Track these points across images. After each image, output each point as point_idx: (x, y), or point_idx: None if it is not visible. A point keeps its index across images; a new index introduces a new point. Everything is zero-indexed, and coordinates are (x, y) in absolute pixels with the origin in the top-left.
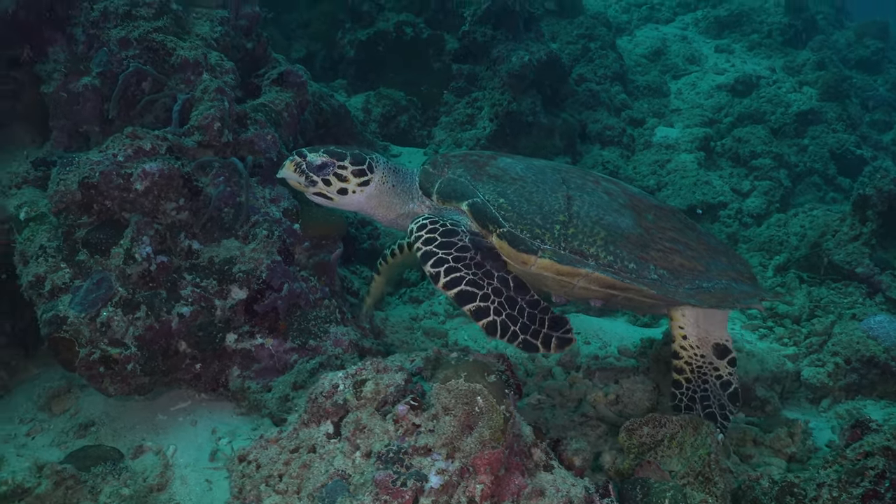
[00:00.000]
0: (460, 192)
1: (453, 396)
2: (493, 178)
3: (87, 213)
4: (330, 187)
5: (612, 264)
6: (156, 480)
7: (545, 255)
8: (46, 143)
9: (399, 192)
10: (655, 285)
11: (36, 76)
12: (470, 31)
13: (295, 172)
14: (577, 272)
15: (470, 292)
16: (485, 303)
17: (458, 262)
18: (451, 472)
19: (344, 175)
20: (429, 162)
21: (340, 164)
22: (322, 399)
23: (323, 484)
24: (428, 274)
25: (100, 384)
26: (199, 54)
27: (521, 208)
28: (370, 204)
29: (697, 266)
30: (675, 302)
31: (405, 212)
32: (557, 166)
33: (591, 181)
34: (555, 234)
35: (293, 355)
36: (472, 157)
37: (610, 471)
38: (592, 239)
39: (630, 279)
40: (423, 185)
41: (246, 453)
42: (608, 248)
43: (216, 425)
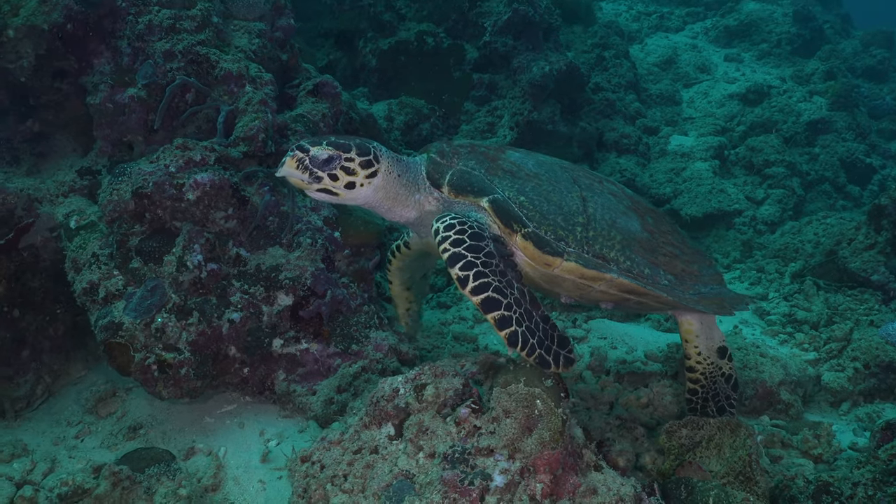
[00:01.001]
0: (478, 187)
1: (514, 400)
2: (508, 173)
3: (139, 222)
4: (337, 182)
5: (631, 269)
6: (210, 481)
7: (571, 259)
8: (90, 152)
9: (405, 182)
10: (669, 291)
11: (81, 87)
12: (491, 42)
13: (297, 169)
14: (602, 277)
15: (496, 300)
16: (508, 312)
17: (486, 266)
18: (514, 471)
19: (352, 168)
20: (435, 151)
21: (347, 157)
22: (383, 402)
23: (388, 483)
24: (455, 277)
25: (153, 388)
26: (241, 66)
27: (542, 208)
28: (377, 196)
29: (694, 270)
30: (684, 308)
31: (411, 203)
32: (564, 164)
33: (597, 181)
34: (577, 237)
35: (336, 360)
36: (480, 149)
37: (652, 471)
38: (611, 243)
39: (651, 286)
40: (432, 175)
41: (309, 454)
42: (625, 252)
43: (263, 427)
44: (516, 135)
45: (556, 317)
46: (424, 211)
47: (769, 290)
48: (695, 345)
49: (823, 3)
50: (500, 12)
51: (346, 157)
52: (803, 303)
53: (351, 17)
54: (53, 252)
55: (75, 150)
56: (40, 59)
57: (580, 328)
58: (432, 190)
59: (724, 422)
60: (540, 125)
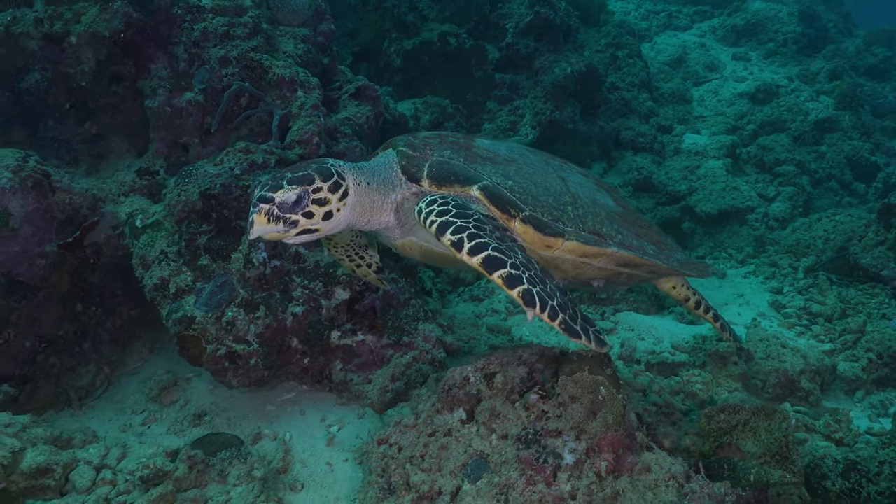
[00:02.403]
0: (462, 176)
1: (579, 386)
2: (487, 160)
3: (206, 222)
4: (314, 218)
5: (624, 242)
6: (279, 464)
7: (571, 238)
8: (144, 153)
9: (376, 187)
10: (661, 259)
11: (136, 91)
12: (513, 43)
13: (270, 223)
14: (603, 252)
15: (498, 258)
16: (516, 271)
17: (479, 229)
18: (581, 451)
19: (323, 197)
20: (404, 144)
21: (315, 187)
22: (455, 389)
23: (464, 463)
24: (449, 243)
25: (224, 377)
26: (293, 72)
27: (531, 190)
28: (355, 214)
29: (663, 240)
30: (673, 274)
31: (387, 206)
32: (531, 148)
33: (563, 163)
34: (571, 216)
35: (389, 350)
36: (449, 139)
37: (694, 452)
38: (599, 219)
39: (647, 256)
40: (407, 169)
41: (385, 437)
42: (613, 226)
43: (324, 414)
44: (538, 133)
45: (585, 310)
46: (404, 209)
47: (783, 285)
48: (686, 295)
49: (826, 2)
50: (522, 14)
51: (313, 188)
52: (818, 297)
53: (375, 19)
54: (114, 249)
55: (129, 150)
56: (100, 64)
57: (608, 320)
58: (409, 185)
59: (760, 407)
60: (561, 124)
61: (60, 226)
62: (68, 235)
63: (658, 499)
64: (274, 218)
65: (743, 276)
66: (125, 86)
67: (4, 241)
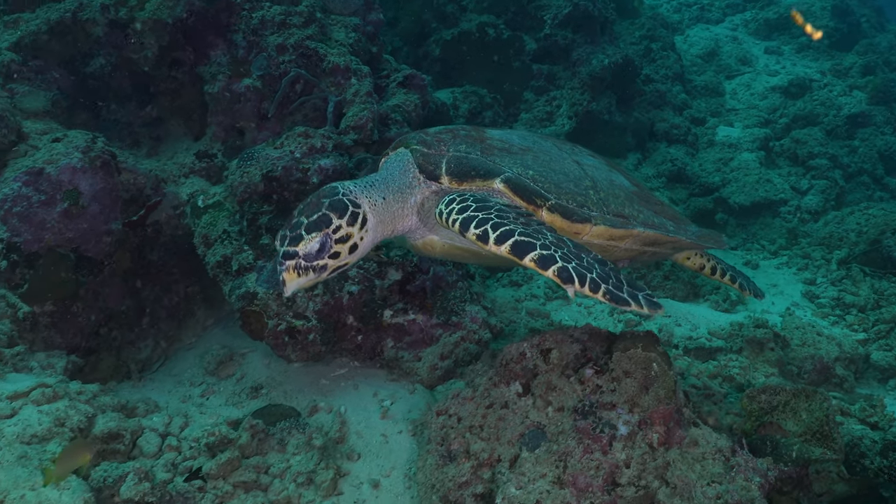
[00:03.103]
0: (483, 169)
1: (633, 362)
2: (503, 151)
3: (267, 203)
4: (340, 257)
5: (647, 221)
6: (336, 434)
7: (598, 222)
8: (201, 137)
9: (392, 198)
10: (684, 235)
11: (195, 76)
12: (551, 34)
13: (301, 276)
14: (630, 233)
15: (527, 241)
16: (547, 251)
17: (502, 218)
18: (634, 423)
19: (344, 234)
20: (417, 141)
21: (334, 228)
22: (512, 364)
23: (521, 433)
24: (474, 236)
25: (283, 351)
26: (347, 60)
27: (553, 178)
28: (378, 232)
29: (676, 214)
30: (694, 247)
31: (407, 210)
32: (541, 133)
33: (571, 145)
34: (594, 200)
35: (438, 330)
36: (461, 133)
37: (737, 430)
38: (619, 200)
39: (671, 233)
40: (425, 167)
41: (445, 409)
42: (634, 206)
43: (376, 389)
44: (575, 124)
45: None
46: (425, 209)
47: (816, 276)
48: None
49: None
50: (560, 6)
51: (333, 229)
52: (851, 288)
53: (415, 9)
54: (174, 228)
55: (186, 134)
56: (162, 50)
57: None
58: (429, 184)
59: (800, 389)
60: (597, 115)
61: (125, 205)
62: (132, 214)
63: (706, 471)
64: (303, 270)
65: (776, 268)
66: (184, 71)
67: (74, 218)
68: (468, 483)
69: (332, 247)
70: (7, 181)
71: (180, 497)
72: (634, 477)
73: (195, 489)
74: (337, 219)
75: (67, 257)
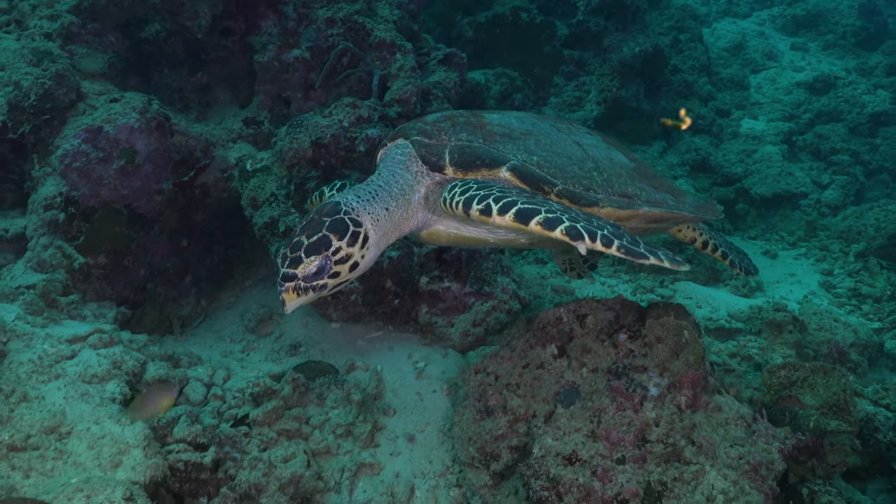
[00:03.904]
0: (488, 158)
1: (665, 329)
2: (505, 136)
3: (315, 168)
4: (340, 276)
5: (650, 199)
6: (373, 391)
7: (605, 205)
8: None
9: (397, 204)
10: (685, 209)
11: (245, 45)
12: (583, 21)
13: (300, 297)
14: (636, 213)
15: (531, 208)
16: (552, 214)
17: (504, 192)
18: (664, 385)
19: (344, 255)
20: (418, 132)
21: (334, 250)
22: (549, 327)
23: (556, 392)
24: (477, 212)
25: (325, 311)
26: (393, 35)
27: (557, 162)
28: (381, 246)
29: (673, 186)
30: (692, 221)
31: (413, 209)
32: (535, 114)
33: (567, 123)
34: (598, 182)
35: (471, 298)
36: (460, 119)
37: (757, 402)
38: (622, 179)
39: (673, 209)
40: (428, 158)
41: (483, 367)
42: (635, 184)
43: (410, 352)
44: (603, 109)
45: (645, 277)
46: (429, 202)
47: (834, 267)
48: (692, 237)
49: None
50: None
51: (332, 251)
52: (868, 279)
53: None
54: (220, 191)
55: (232, 101)
56: (215, 19)
57: (667, 288)
58: (433, 175)
59: (818, 366)
60: (626, 102)
61: (175, 166)
62: (182, 175)
63: (729, 434)
64: (302, 290)
65: (794, 258)
66: (234, 40)
67: (129, 175)
68: (504, 436)
69: (332, 268)
70: (67, 137)
71: (228, 440)
72: (663, 435)
73: (241, 434)
74: (337, 240)
75: (121, 213)
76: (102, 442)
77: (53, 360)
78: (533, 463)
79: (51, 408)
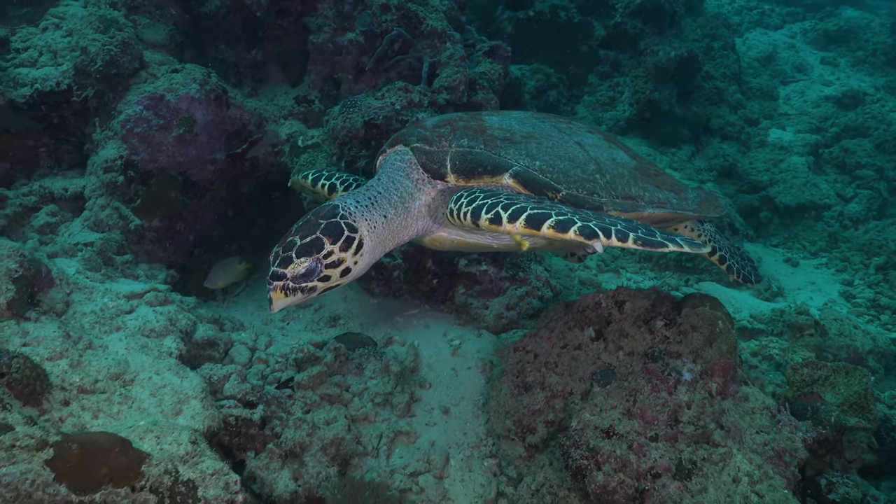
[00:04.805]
0: (490, 165)
1: (700, 318)
2: (506, 141)
3: (366, 148)
4: (331, 280)
5: (653, 200)
6: (410, 364)
7: (610, 208)
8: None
9: (395, 212)
10: (686, 208)
11: (300, 26)
12: (621, 23)
13: (288, 297)
14: (640, 216)
15: (541, 213)
16: (563, 216)
17: (512, 199)
18: (697, 371)
19: (336, 259)
20: (417, 139)
21: (325, 254)
22: (588, 311)
23: (592, 372)
24: (486, 221)
25: (368, 284)
26: (444, 25)
27: (559, 166)
28: (376, 253)
29: (674, 181)
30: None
31: (413, 216)
32: (534, 114)
33: (566, 122)
34: (602, 185)
35: (506, 283)
36: (459, 124)
37: (780, 396)
38: (625, 180)
39: (676, 209)
40: (429, 166)
41: (522, 345)
42: (638, 185)
43: (445, 330)
44: (635, 111)
45: (671, 275)
46: (431, 209)
47: (854, 278)
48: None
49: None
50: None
51: (323, 255)
52: (888, 291)
53: None
54: (269, 165)
55: (283, 79)
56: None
57: (692, 287)
58: (434, 183)
59: (840, 366)
60: (658, 104)
61: (229, 137)
62: (235, 147)
63: (755, 422)
64: (290, 291)
65: (815, 267)
66: (290, 20)
67: (186, 144)
68: (541, 411)
69: (323, 271)
70: (130, 103)
71: (274, 400)
72: (694, 417)
73: (286, 396)
74: (329, 244)
75: (176, 179)
76: (164, 391)
77: (114, 314)
78: (573, 434)
79: (114, 356)
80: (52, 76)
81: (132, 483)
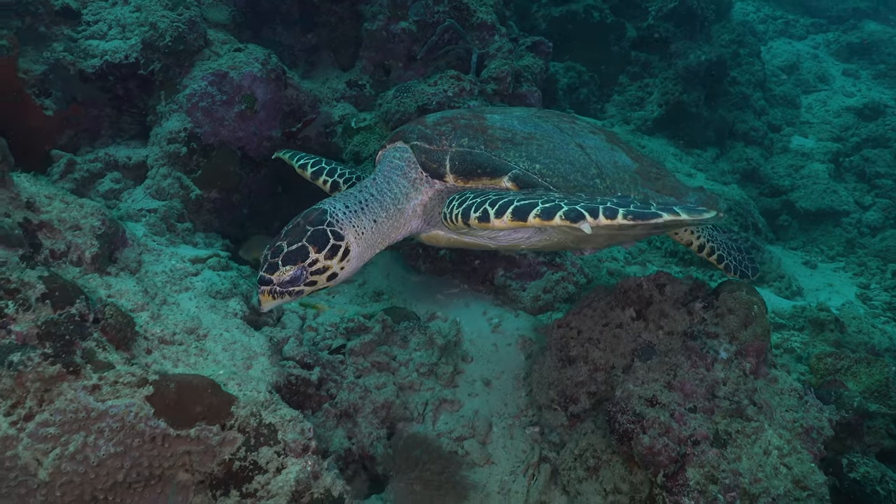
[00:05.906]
0: (490, 167)
1: (737, 302)
2: (507, 142)
3: None
4: (317, 284)
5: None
6: (454, 338)
7: None
8: (349, 68)
9: (386, 216)
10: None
11: (354, 13)
12: (654, 25)
13: (276, 299)
14: None
15: (527, 203)
16: (550, 203)
17: (499, 196)
18: (732, 351)
19: (321, 266)
20: (417, 136)
21: (310, 262)
22: (630, 292)
23: (633, 349)
24: (476, 220)
25: (414, 262)
26: (494, 18)
27: (560, 170)
28: (364, 257)
29: (676, 185)
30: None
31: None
32: (536, 112)
33: (569, 122)
34: (602, 190)
35: (543, 267)
36: (461, 122)
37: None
38: (625, 185)
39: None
40: (428, 165)
41: (566, 322)
42: (639, 189)
43: (485, 309)
44: (663, 112)
45: (696, 269)
46: (427, 209)
47: (871, 282)
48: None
49: None
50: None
51: (308, 262)
52: None
53: None
54: (320, 145)
55: (333, 64)
56: None
57: (715, 282)
58: (432, 182)
59: (862, 357)
60: (686, 107)
61: (285, 116)
62: (290, 126)
63: (783, 401)
64: (278, 294)
65: (833, 270)
66: (345, 7)
67: (247, 120)
68: (584, 383)
69: (308, 277)
70: (195, 79)
71: (329, 364)
72: (729, 393)
73: (338, 361)
74: (314, 253)
75: (235, 153)
76: (235, 346)
77: (182, 275)
78: (619, 401)
79: (187, 313)
80: (121, 49)
81: (223, 421)
